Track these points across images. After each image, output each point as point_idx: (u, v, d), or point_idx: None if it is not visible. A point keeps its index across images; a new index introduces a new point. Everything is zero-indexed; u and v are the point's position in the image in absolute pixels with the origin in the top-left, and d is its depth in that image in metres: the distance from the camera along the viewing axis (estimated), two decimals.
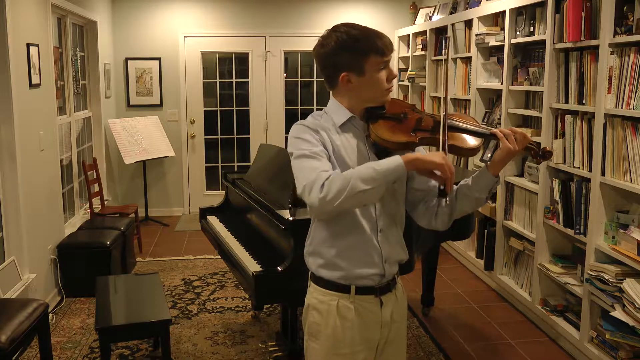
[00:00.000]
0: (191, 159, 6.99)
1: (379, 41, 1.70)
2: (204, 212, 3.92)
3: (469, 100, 4.85)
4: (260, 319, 3.98)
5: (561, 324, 3.61)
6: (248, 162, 7.05)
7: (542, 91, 3.74)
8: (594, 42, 3.20)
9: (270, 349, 3.28)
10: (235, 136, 7.12)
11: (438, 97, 5.67)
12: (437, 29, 5.63)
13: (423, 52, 5.91)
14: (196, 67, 6.86)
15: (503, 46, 4.25)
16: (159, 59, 6.72)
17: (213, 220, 3.77)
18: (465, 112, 5.01)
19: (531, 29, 3.94)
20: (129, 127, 6.28)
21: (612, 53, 3.03)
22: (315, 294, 1.82)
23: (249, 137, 7.09)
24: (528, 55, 4.08)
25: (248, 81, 7.00)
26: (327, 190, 1.56)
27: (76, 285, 4.34)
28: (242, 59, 6.99)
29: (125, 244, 4.76)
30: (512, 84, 4.19)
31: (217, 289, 4.55)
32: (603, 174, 3.14)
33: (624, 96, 2.97)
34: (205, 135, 7.00)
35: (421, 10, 6.43)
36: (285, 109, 7.09)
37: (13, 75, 3.64)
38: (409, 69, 6.30)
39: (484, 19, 4.66)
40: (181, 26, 6.73)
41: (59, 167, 4.62)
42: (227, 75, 7.06)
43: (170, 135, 6.69)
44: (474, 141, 1.77)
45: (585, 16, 3.25)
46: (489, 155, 1.78)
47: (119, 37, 6.61)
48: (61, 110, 5.02)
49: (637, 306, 2.80)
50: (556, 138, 3.63)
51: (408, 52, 6.40)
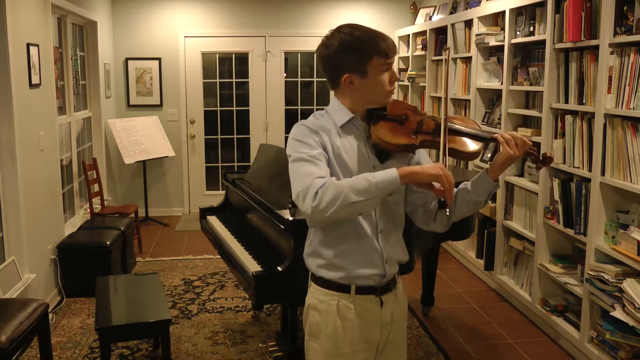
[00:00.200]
0: (191, 159, 6.99)
1: (382, 43, 1.69)
2: (204, 212, 3.92)
3: (469, 100, 4.85)
4: (260, 319, 3.98)
5: (561, 324, 3.61)
6: (248, 162, 7.05)
7: (542, 91, 3.74)
8: (594, 42, 3.20)
9: (270, 349, 3.27)
10: (235, 136, 7.12)
11: (438, 97, 5.67)
12: (437, 29, 5.63)
13: (423, 52, 5.91)
14: (196, 67, 6.85)
15: (503, 46, 4.25)
16: (159, 59, 6.72)
17: (213, 220, 3.77)
18: (465, 112, 5.00)
19: (531, 29, 3.94)
20: (129, 127, 6.28)
21: (612, 53, 3.03)
22: (315, 294, 1.82)
23: (249, 137, 7.09)
24: (528, 55, 4.08)
25: (248, 81, 6.99)
26: (320, 200, 1.56)
27: (76, 285, 4.34)
28: (242, 59, 6.99)
29: (125, 244, 4.76)
30: (512, 84, 4.19)
31: (217, 289, 4.55)
32: (603, 174, 3.14)
33: (624, 96, 2.97)
34: (205, 135, 7.00)
35: (421, 10, 6.43)
36: (285, 109, 7.09)
37: (13, 75, 3.64)
38: (409, 69, 6.30)
39: (484, 19, 4.66)
40: (181, 26, 6.73)
41: (59, 167, 4.62)
42: (227, 75, 7.06)
43: (170, 135, 6.69)
44: (474, 145, 1.77)
45: (585, 16, 3.25)
46: (489, 155, 1.78)
47: (119, 37, 6.61)
48: (61, 110, 5.02)
49: (637, 306, 2.80)
50: (556, 138, 3.63)
51: (408, 52, 6.40)
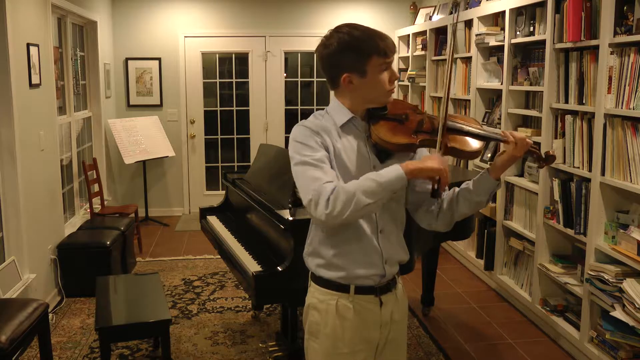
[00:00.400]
0: (191, 159, 6.99)
1: (381, 42, 1.69)
2: (204, 212, 3.92)
3: (469, 100, 4.85)
4: (260, 319, 3.98)
5: (561, 324, 3.61)
6: (248, 162, 7.05)
7: (542, 91, 3.74)
8: (594, 42, 3.20)
9: (270, 349, 3.27)
10: (235, 136, 7.12)
11: (438, 97, 5.67)
12: (437, 29, 5.63)
13: (423, 52, 5.91)
14: (196, 67, 6.85)
15: (503, 46, 4.24)
16: (159, 59, 6.72)
17: (213, 220, 3.77)
18: (465, 112, 5.00)
19: (531, 29, 3.94)
20: (129, 127, 6.28)
21: (612, 53, 3.03)
22: (315, 294, 1.82)
23: (249, 137, 7.09)
24: (528, 55, 4.08)
25: (248, 81, 6.99)
26: (333, 206, 1.58)
27: (76, 285, 4.34)
28: (242, 59, 6.99)
29: (125, 244, 4.76)
30: (512, 84, 4.19)
31: (217, 289, 4.55)
32: (603, 174, 3.14)
33: (624, 96, 2.97)
34: (205, 135, 7.00)
35: (421, 10, 6.43)
36: (285, 109, 7.08)
37: (13, 75, 3.64)
38: (409, 69, 6.30)
39: (484, 19, 4.66)
40: (181, 26, 6.73)
41: (59, 167, 4.61)
42: (227, 75, 7.06)
43: (170, 135, 6.69)
44: (475, 144, 1.76)
45: (585, 16, 3.25)
46: (489, 155, 1.78)
47: (119, 37, 6.61)
48: (61, 110, 5.01)
49: (637, 306, 2.80)
50: (556, 138, 3.63)
51: (408, 52, 6.39)
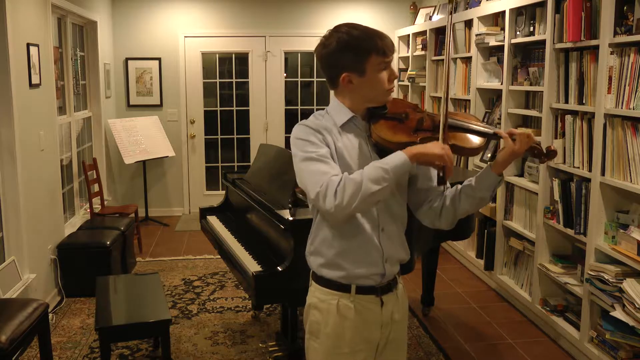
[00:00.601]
0: (191, 159, 6.99)
1: (380, 41, 1.70)
2: (204, 212, 3.92)
3: (469, 100, 4.85)
4: (260, 319, 3.98)
5: (561, 324, 3.61)
6: (248, 162, 7.05)
7: (542, 91, 3.74)
8: (594, 42, 3.20)
9: (270, 349, 3.28)
10: (235, 136, 7.12)
11: (438, 97, 5.67)
12: (437, 29, 5.63)
13: (423, 52, 5.91)
14: (196, 67, 6.85)
15: (503, 46, 4.25)
16: (159, 59, 6.72)
17: (213, 220, 3.77)
18: (465, 112, 5.00)
19: (531, 29, 3.94)
20: (129, 127, 6.28)
21: (612, 53, 3.03)
22: (316, 293, 1.82)
23: (249, 137, 7.09)
24: (528, 55, 4.08)
25: (248, 81, 6.99)
26: (342, 197, 1.58)
27: (76, 285, 4.34)
28: (242, 59, 6.99)
29: (125, 244, 4.76)
30: (512, 84, 4.19)
31: (217, 289, 4.55)
32: (603, 174, 3.14)
33: (624, 96, 2.97)
34: (205, 135, 7.00)
35: (421, 10, 6.43)
36: (285, 109, 7.08)
37: (13, 75, 3.64)
38: (409, 69, 6.30)
39: (484, 19, 4.66)
40: (181, 26, 6.73)
41: (59, 167, 4.61)
42: (227, 75, 7.06)
43: (170, 135, 6.68)
44: (476, 140, 1.76)
45: (585, 16, 3.25)
46: (489, 155, 1.78)
47: (119, 37, 6.61)
48: (61, 110, 5.01)
49: (637, 306, 2.80)
50: (556, 138, 3.63)
51: (408, 52, 6.40)
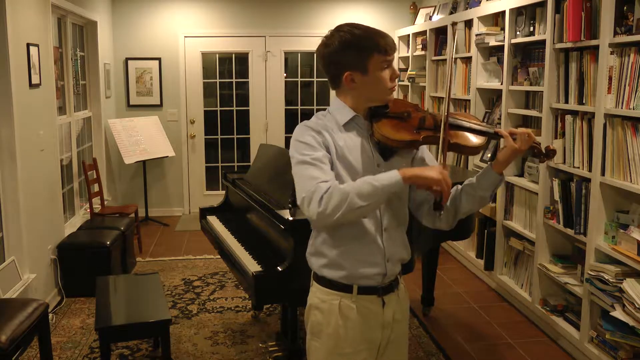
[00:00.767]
0: (191, 159, 6.98)
1: (381, 40, 1.70)
2: (204, 212, 3.92)
3: (469, 100, 4.85)
4: (260, 319, 3.98)
5: (561, 324, 3.61)
6: (248, 162, 7.05)
7: (542, 91, 3.74)
8: (594, 42, 3.20)
9: (270, 349, 3.28)
10: (235, 136, 7.12)
11: (438, 97, 5.67)
12: (437, 29, 5.63)
13: (423, 52, 5.91)
14: (196, 67, 6.85)
15: (503, 46, 4.24)
16: (159, 59, 6.72)
17: (213, 220, 3.77)
18: (465, 112, 5.00)
19: (531, 29, 3.94)
20: (129, 127, 6.28)
21: (612, 53, 3.03)
22: (317, 294, 1.82)
23: (249, 137, 7.09)
24: (528, 55, 4.08)
25: (248, 81, 6.99)
26: (326, 205, 1.57)
27: (76, 285, 4.34)
28: (242, 59, 6.99)
29: (125, 244, 4.76)
30: (512, 84, 4.19)
31: (217, 289, 4.55)
32: (603, 174, 3.14)
33: (624, 96, 2.97)
34: (205, 135, 7.00)
35: (421, 10, 6.44)
36: (285, 109, 7.08)
37: (13, 75, 3.64)
38: (409, 69, 6.30)
39: (484, 19, 4.66)
40: (181, 26, 6.73)
41: (59, 167, 4.61)
42: (227, 75, 7.06)
43: (170, 135, 6.68)
44: (477, 140, 1.77)
45: (585, 16, 3.25)
46: (489, 155, 1.79)
47: (119, 37, 6.61)
48: (61, 110, 5.02)
49: (637, 306, 2.80)
50: (556, 138, 3.63)
51: (408, 52, 6.40)
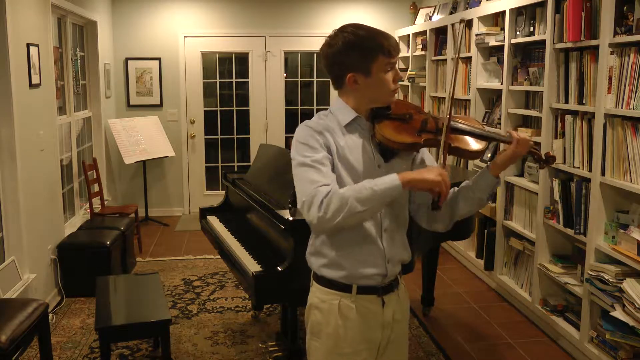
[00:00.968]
0: (191, 159, 6.98)
1: (385, 42, 1.70)
2: (204, 212, 3.92)
3: (469, 100, 4.85)
4: (260, 319, 3.98)
5: (561, 324, 3.61)
6: (248, 162, 7.05)
7: (542, 91, 3.74)
8: (594, 42, 3.20)
9: (270, 349, 3.28)
10: (235, 136, 7.12)
11: (438, 97, 5.67)
12: (437, 29, 5.63)
13: (423, 52, 5.90)
14: (196, 67, 6.85)
15: (503, 46, 4.24)
16: (159, 59, 6.72)
17: (213, 220, 3.77)
18: (465, 112, 5.00)
19: (531, 29, 3.94)
20: (129, 127, 6.28)
21: (612, 53, 3.03)
22: (317, 293, 1.83)
23: (249, 137, 7.09)
24: (528, 55, 4.08)
25: (248, 81, 6.99)
26: (325, 210, 1.58)
27: (76, 285, 4.34)
28: (242, 59, 6.99)
29: (125, 244, 4.76)
30: (512, 84, 4.19)
31: (217, 289, 4.55)
32: (603, 174, 3.14)
33: (624, 96, 2.97)
34: (205, 135, 7.00)
35: (421, 10, 6.43)
36: (285, 109, 7.08)
37: (13, 75, 3.64)
38: (409, 69, 6.30)
39: (484, 19, 4.66)
40: (181, 26, 6.73)
41: (59, 167, 4.61)
42: (227, 75, 7.06)
43: (170, 135, 6.68)
44: (477, 144, 1.79)
45: (585, 16, 3.25)
46: (489, 156, 1.79)
47: (119, 37, 6.61)
48: (61, 110, 5.02)
49: (637, 306, 2.80)
50: (556, 138, 3.63)
51: (408, 52, 6.39)
